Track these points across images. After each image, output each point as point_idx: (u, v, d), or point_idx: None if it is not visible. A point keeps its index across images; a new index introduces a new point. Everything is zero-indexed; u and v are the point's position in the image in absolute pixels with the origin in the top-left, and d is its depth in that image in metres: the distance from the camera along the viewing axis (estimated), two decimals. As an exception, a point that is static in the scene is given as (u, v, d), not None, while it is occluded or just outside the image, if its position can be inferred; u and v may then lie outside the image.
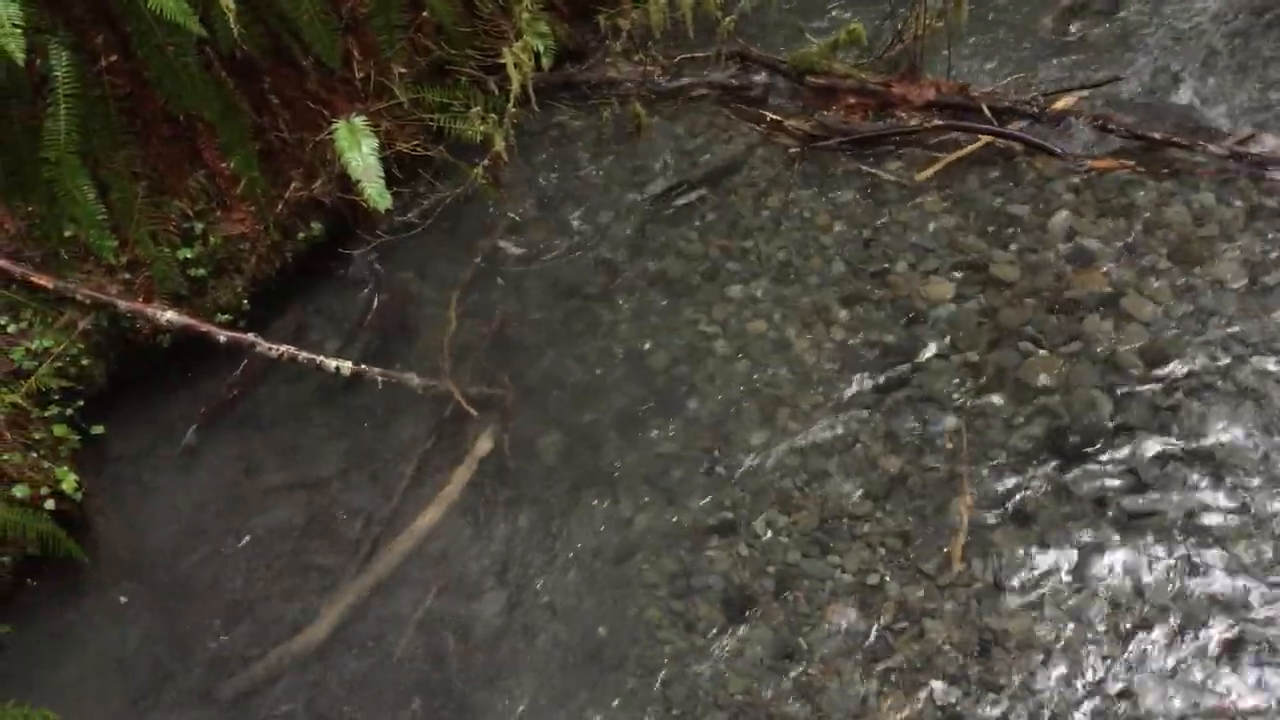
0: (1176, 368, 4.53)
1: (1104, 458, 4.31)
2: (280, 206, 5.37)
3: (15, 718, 3.71)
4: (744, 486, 4.53)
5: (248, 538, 4.68)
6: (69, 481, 4.48)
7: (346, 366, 4.78)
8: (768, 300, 5.21)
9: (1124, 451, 4.30)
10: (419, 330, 5.39)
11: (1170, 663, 3.71)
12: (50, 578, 4.52)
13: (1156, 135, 5.45)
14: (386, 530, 4.60)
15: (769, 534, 4.36)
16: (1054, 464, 4.33)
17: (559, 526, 4.54)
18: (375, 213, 4.62)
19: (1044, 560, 4.06)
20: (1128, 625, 3.83)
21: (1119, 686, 3.68)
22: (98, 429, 4.85)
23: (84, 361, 4.83)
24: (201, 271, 5.15)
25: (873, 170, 5.74)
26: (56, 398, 4.71)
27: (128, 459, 4.97)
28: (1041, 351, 4.71)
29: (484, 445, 4.83)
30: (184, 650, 4.34)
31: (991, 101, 5.78)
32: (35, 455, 4.50)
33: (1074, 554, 4.06)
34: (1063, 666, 3.77)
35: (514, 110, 5.74)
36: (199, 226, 5.15)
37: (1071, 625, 3.86)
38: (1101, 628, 3.84)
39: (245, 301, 5.32)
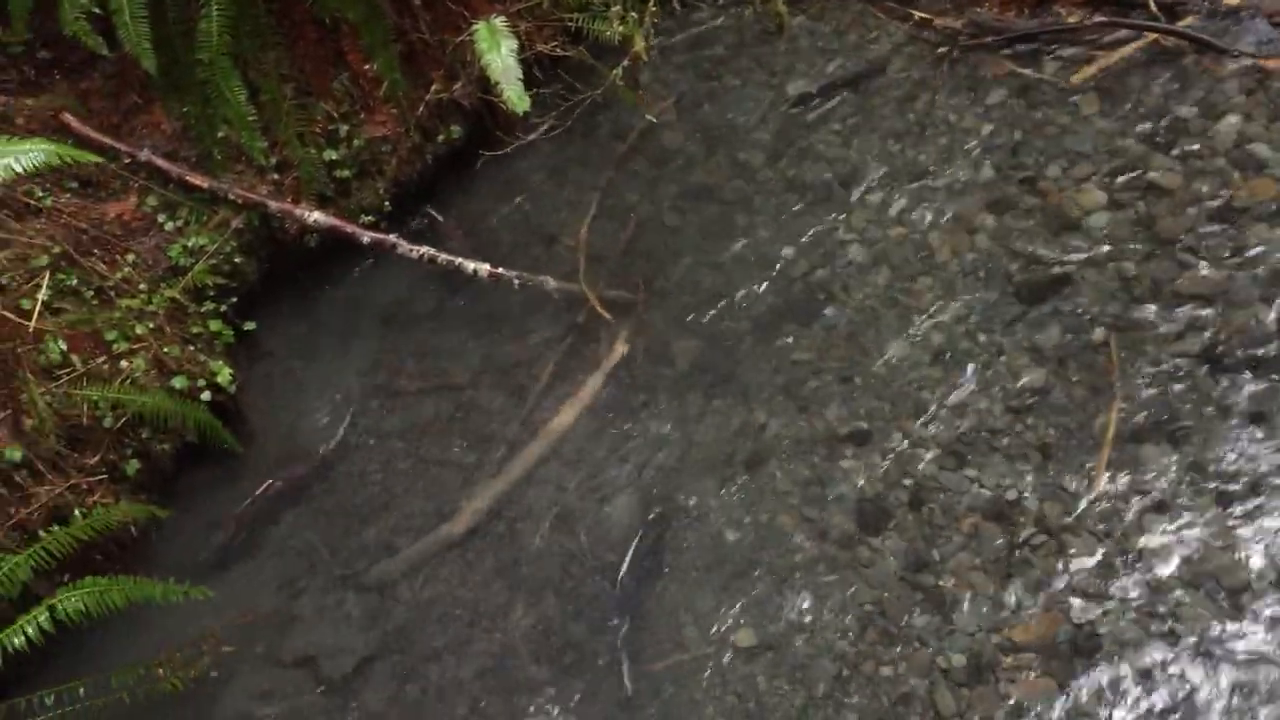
0: (1351, 282, 4.25)
1: (1265, 376, 4.10)
2: (421, 108, 5.42)
3: (175, 594, 3.94)
4: (880, 396, 4.46)
5: (390, 434, 4.83)
6: (224, 374, 4.67)
7: (484, 268, 4.84)
8: (910, 207, 5.05)
9: (1288, 370, 4.09)
10: (555, 233, 5.41)
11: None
12: (207, 466, 4.75)
13: (1341, 32, 5.06)
14: (523, 430, 4.69)
15: (905, 445, 4.29)
16: (1209, 380, 4.13)
17: (692, 431, 4.55)
18: (514, 115, 4.60)
19: (1194, 479, 3.90)
20: (1282, 551, 3.68)
21: (1268, 613, 3.55)
22: (250, 325, 5.04)
23: (236, 259, 4.99)
24: (346, 173, 5.24)
25: (1026, 71, 5.47)
26: (211, 294, 4.89)
27: (278, 355, 5.16)
28: (1202, 263, 4.46)
29: (618, 349, 4.86)
30: (332, 538, 4.54)
31: (1159, -4, 5.43)
32: (192, 349, 4.70)
33: (1226, 474, 3.88)
34: (1209, 590, 3.64)
35: (654, 10, 5.63)
36: (343, 128, 5.23)
37: (1220, 548, 3.72)
38: (1255, 554, 3.68)
39: (387, 203, 5.40)
